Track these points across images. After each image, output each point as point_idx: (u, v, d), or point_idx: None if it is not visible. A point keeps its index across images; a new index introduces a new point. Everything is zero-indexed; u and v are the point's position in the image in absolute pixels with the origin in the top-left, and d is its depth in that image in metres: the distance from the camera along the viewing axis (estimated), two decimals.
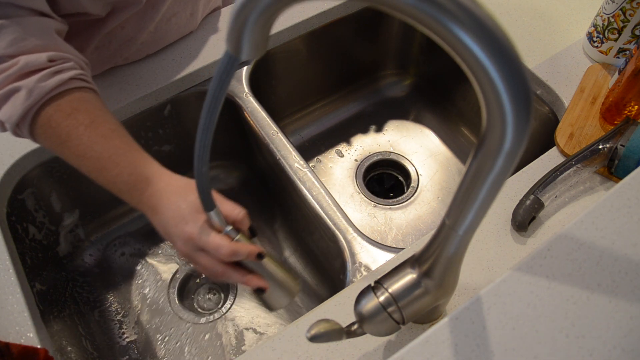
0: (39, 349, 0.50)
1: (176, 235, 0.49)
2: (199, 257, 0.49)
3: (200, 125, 0.41)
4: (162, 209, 0.51)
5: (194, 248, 0.49)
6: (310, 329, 0.40)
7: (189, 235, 0.48)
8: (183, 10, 0.74)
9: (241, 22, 0.29)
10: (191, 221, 0.49)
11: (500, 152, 0.27)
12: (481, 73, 0.23)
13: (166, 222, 0.50)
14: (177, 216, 0.50)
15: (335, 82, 0.96)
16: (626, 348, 0.38)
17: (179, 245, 0.50)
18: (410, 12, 0.22)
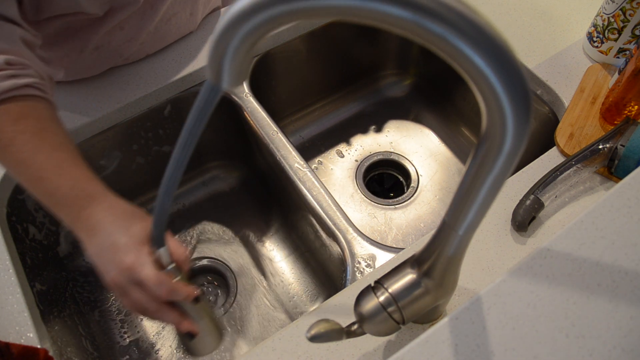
0: (39, 349, 0.50)
1: (113, 263, 0.46)
2: (132, 290, 0.46)
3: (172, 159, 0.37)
4: (102, 231, 0.47)
5: (130, 280, 0.45)
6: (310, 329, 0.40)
7: (130, 265, 0.45)
8: (182, 11, 0.74)
9: (222, 51, 0.27)
10: (133, 251, 0.45)
11: (500, 153, 0.27)
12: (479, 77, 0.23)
13: (105, 247, 0.47)
14: (119, 243, 0.46)
15: (335, 82, 0.96)
16: (626, 348, 0.38)
17: (112, 275, 0.46)
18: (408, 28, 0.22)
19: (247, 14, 0.24)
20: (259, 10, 0.24)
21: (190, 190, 0.88)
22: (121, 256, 0.45)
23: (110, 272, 0.46)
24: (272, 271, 0.80)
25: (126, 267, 0.45)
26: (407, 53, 0.96)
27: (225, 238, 0.83)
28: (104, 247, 0.47)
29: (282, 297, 0.77)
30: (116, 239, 0.46)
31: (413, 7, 0.21)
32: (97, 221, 0.48)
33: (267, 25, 0.25)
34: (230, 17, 0.25)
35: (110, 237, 0.47)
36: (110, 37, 0.68)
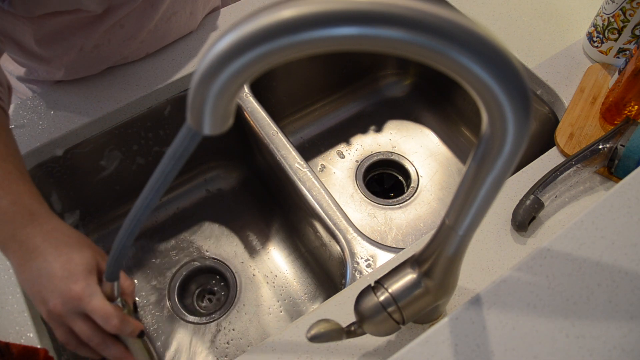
0: (39, 349, 0.50)
1: (58, 291, 0.43)
2: (76, 321, 0.43)
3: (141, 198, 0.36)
4: (46, 255, 0.44)
5: (74, 310, 0.43)
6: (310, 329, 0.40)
7: (77, 295, 0.42)
8: (182, 10, 0.74)
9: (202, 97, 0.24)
10: (82, 281, 0.43)
11: (500, 153, 0.27)
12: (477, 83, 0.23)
13: (45, 273, 0.43)
14: (66, 270, 0.43)
15: (335, 82, 0.96)
16: (626, 348, 0.38)
17: (54, 303, 0.43)
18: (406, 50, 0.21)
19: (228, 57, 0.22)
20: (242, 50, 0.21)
21: (190, 190, 0.88)
22: (70, 284, 0.42)
23: (50, 300, 0.43)
24: (272, 271, 0.80)
25: (73, 296, 0.42)
26: None
27: (225, 238, 0.83)
28: (43, 274, 0.43)
29: (282, 297, 0.77)
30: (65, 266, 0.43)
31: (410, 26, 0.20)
32: (37, 244, 0.44)
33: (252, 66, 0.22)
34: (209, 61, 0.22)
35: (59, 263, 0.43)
36: (110, 36, 0.68)
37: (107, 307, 0.43)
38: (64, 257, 0.44)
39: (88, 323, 0.44)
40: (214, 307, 0.78)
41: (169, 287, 0.78)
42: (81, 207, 0.79)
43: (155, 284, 0.78)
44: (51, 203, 0.73)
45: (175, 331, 0.74)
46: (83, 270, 0.44)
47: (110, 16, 0.65)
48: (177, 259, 0.81)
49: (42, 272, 0.43)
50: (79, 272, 0.43)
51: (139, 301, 0.47)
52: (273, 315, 0.76)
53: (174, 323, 0.75)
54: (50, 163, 0.69)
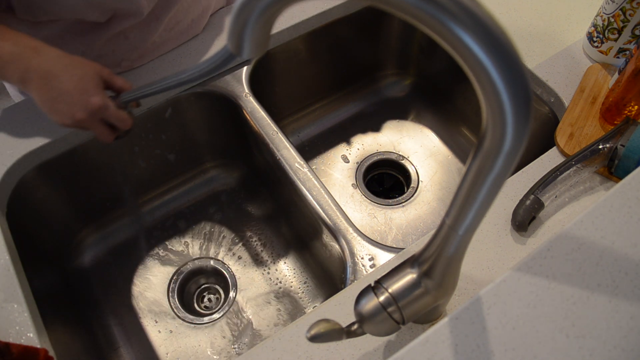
0: (39, 349, 0.50)
1: (80, 105, 0.53)
2: (97, 125, 0.56)
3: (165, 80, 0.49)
4: (61, 76, 0.52)
5: (95, 117, 0.54)
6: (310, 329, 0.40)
7: (96, 106, 0.53)
8: (185, 18, 0.74)
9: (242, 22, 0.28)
10: (97, 94, 0.53)
11: (500, 152, 0.27)
12: (481, 73, 0.23)
13: (68, 89, 0.52)
14: (80, 86, 0.52)
15: (335, 82, 0.96)
16: (626, 348, 0.38)
17: (80, 115, 0.53)
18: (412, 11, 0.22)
19: None
20: None
21: (190, 190, 0.88)
22: (87, 97, 0.52)
23: (76, 112, 0.53)
24: (272, 271, 0.80)
25: (94, 107, 0.53)
26: (407, 53, 0.96)
27: (225, 238, 0.83)
28: (63, 92, 0.52)
29: (282, 297, 0.77)
30: (79, 83, 0.52)
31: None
32: (48, 69, 0.52)
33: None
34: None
35: (73, 81, 0.52)
36: (115, 47, 0.69)
37: (121, 113, 0.57)
38: (76, 76, 0.52)
39: (104, 124, 0.57)
40: (213, 307, 0.78)
41: (168, 287, 0.78)
42: (81, 207, 0.79)
43: (155, 283, 0.78)
44: (51, 203, 0.74)
45: (174, 331, 0.74)
46: (95, 84, 0.54)
47: (114, 25, 0.65)
48: (177, 259, 0.81)
49: (61, 91, 0.52)
50: (92, 87, 0.53)
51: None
52: (273, 315, 0.76)
53: (174, 323, 0.75)
54: (50, 163, 0.69)
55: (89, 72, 0.54)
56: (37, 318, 0.54)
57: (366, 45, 0.93)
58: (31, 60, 0.52)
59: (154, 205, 0.85)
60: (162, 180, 0.85)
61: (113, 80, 0.57)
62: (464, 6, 0.22)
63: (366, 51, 0.95)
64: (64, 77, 0.52)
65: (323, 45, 0.87)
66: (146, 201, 0.85)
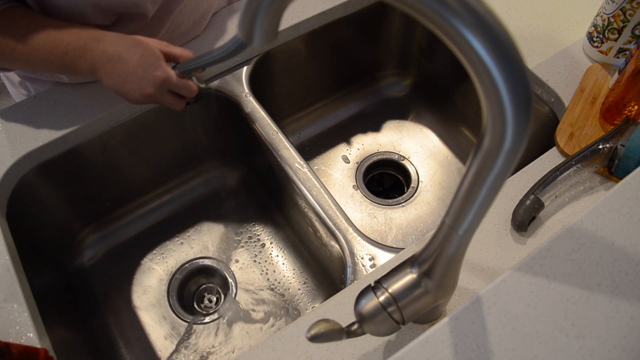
0: (39, 349, 0.50)
1: (145, 80, 0.57)
2: (165, 96, 0.60)
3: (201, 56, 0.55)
4: (125, 56, 0.56)
5: (163, 89, 0.58)
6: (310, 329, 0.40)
7: (161, 79, 0.57)
8: (187, 20, 0.74)
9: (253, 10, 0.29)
10: (159, 68, 0.57)
11: (500, 152, 0.27)
12: (483, 71, 0.23)
13: (133, 68, 0.56)
14: (145, 62, 0.56)
15: (335, 82, 0.96)
16: (626, 348, 0.38)
17: (148, 89, 0.57)
18: (416, 6, 0.22)
19: None
20: None
21: (190, 190, 0.88)
22: (152, 72, 0.57)
23: (145, 88, 0.57)
24: (272, 271, 0.80)
25: (159, 80, 0.57)
26: (407, 53, 0.96)
27: (225, 238, 0.83)
28: (129, 71, 0.56)
29: (281, 297, 0.77)
30: (142, 59, 0.56)
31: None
32: (113, 52, 0.56)
33: None
34: None
35: (136, 59, 0.56)
36: None
37: (185, 82, 0.61)
38: (137, 55, 0.56)
39: (172, 95, 0.61)
40: (213, 307, 0.78)
41: (168, 287, 0.78)
42: (81, 207, 0.79)
43: (155, 283, 0.78)
44: (51, 203, 0.74)
45: (174, 331, 0.74)
46: (156, 59, 0.57)
47: (119, 29, 0.65)
48: (177, 259, 0.81)
49: (127, 70, 0.57)
50: (154, 62, 0.57)
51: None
52: (273, 315, 0.76)
53: (174, 323, 0.75)
54: (50, 163, 0.69)
55: (148, 48, 0.57)
56: (37, 318, 0.54)
57: (366, 45, 0.93)
58: (96, 49, 0.56)
59: (154, 205, 0.85)
60: (162, 180, 0.85)
61: (172, 50, 0.61)
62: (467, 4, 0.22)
63: (366, 51, 0.95)
64: (127, 57, 0.56)
65: (323, 45, 0.87)
66: (146, 201, 0.85)
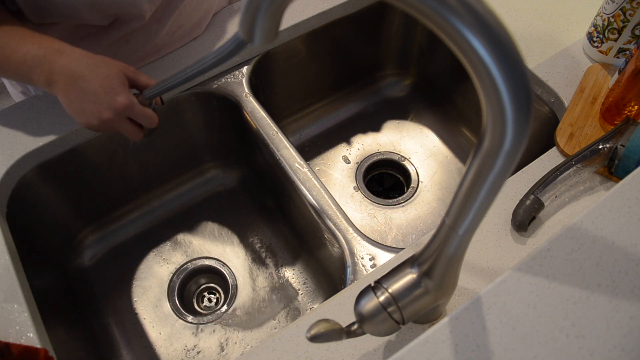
0: (39, 349, 0.50)
1: (106, 104, 0.52)
2: (123, 124, 0.55)
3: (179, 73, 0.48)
4: (86, 76, 0.52)
5: (122, 116, 0.54)
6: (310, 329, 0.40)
7: (123, 105, 0.53)
8: (188, 22, 0.74)
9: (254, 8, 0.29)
10: (122, 92, 0.53)
11: (500, 152, 0.27)
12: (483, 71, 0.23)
13: (94, 89, 0.52)
14: (107, 85, 0.52)
15: (335, 82, 0.96)
16: (626, 348, 0.38)
17: (106, 114, 0.53)
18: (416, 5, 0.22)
19: None
20: None
21: (190, 190, 0.88)
22: (113, 97, 0.52)
23: (103, 112, 0.53)
24: (272, 271, 0.80)
25: (120, 106, 0.53)
26: (407, 53, 0.96)
27: (225, 238, 0.83)
28: (89, 92, 0.52)
29: (281, 297, 0.77)
30: (105, 82, 0.52)
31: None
32: (74, 70, 0.52)
33: None
34: None
35: (99, 80, 0.52)
36: (116, 50, 0.68)
37: (147, 111, 0.56)
38: (101, 75, 0.52)
39: (131, 124, 0.56)
40: (213, 307, 0.78)
41: (168, 287, 0.78)
42: (81, 207, 0.79)
43: (155, 283, 0.78)
44: (51, 203, 0.74)
45: (174, 331, 0.74)
46: (120, 83, 0.53)
47: (116, 30, 0.65)
48: (177, 258, 0.81)
49: (87, 91, 0.52)
50: (117, 86, 0.53)
51: None
52: (273, 315, 0.76)
53: (173, 323, 0.75)
54: (50, 163, 0.69)
55: (114, 70, 0.53)
56: (37, 318, 0.54)
57: (366, 45, 0.93)
58: (56, 62, 0.52)
59: (154, 205, 0.85)
60: (162, 180, 0.85)
61: (137, 77, 0.57)
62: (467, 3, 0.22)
63: (366, 51, 0.95)
64: (89, 77, 0.52)
65: (323, 45, 0.87)
66: (146, 201, 0.85)
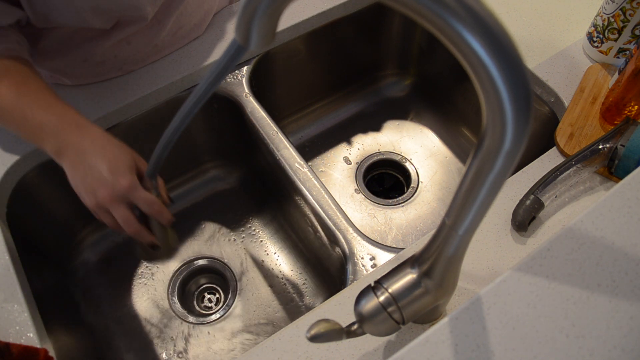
0: (39, 349, 0.50)
1: (107, 184, 0.51)
2: (120, 208, 0.53)
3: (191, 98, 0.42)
4: (96, 153, 0.52)
5: (120, 199, 0.52)
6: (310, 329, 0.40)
7: (124, 187, 0.51)
8: (188, 23, 0.74)
9: (250, 12, 0.29)
10: (128, 175, 0.52)
11: (500, 152, 0.27)
12: (482, 72, 0.23)
13: (98, 169, 0.52)
14: (114, 166, 0.52)
15: (335, 82, 0.96)
16: (626, 348, 0.38)
17: (103, 194, 0.52)
18: (414, 7, 0.22)
19: None
20: None
21: (190, 190, 0.88)
22: (117, 177, 0.51)
23: (100, 191, 0.52)
24: (272, 271, 0.80)
25: (121, 188, 0.51)
26: (407, 53, 0.96)
27: (225, 238, 0.83)
28: (94, 170, 0.52)
29: (281, 297, 0.77)
30: (112, 163, 0.52)
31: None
32: (86, 147, 0.52)
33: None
34: None
35: (107, 160, 0.52)
36: (117, 52, 0.69)
37: (150, 196, 0.53)
38: (110, 156, 0.52)
39: (128, 211, 0.53)
40: (213, 307, 0.78)
41: (169, 287, 0.78)
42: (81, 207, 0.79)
43: (155, 283, 0.78)
44: (51, 203, 0.74)
45: (175, 331, 0.74)
46: (127, 167, 0.52)
47: (118, 32, 0.65)
48: (177, 258, 0.81)
49: (92, 168, 0.52)
50: (124, 168, 0.52)
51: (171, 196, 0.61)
52: (272, 315, 0.76)
53: (173, 323, 0.75)
54: (50, 163, 0.69)
55: (124, 154, 0.53)
56: (37, 318, 0.54)
57: (366, 45, 0.93)
58: (71, 136, 0.53)
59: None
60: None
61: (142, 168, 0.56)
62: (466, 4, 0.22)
63: (366, 51, 0.95)
64: (98, 154, 0.52)
65: (323, 45, 0.87)
66: None
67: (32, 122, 0.54)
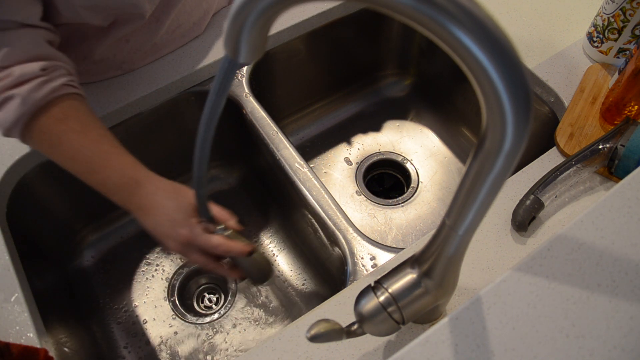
0: (39, 349, 0.50)
1: (170, 237, 0.55)
2: (193, 254, 0.55)
3: (199, 133, 0.42)
4: (153, 211, 0.55)
5: (188, 248, 0.55)
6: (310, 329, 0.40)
7: (185, 238, 0.54)
8: (187, 22, 0.74)
9: (239, 26, 0.28)
10: (185, 225, 0.54)
11: (500, 152, 0.27)
12: (481, 74, 0.23)
13: (159, 224, 0.55)
14: (170, 220, 0.54)
15: (335, 82, 0.96)
16: (626, 348, 0.38)
17: (172, 245, 0.55)
18: (408, 12, 0.22)
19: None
20: None
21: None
22: (177, 230, 0.54)
23: (170, 243, 0.55)
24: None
25: (184, 239, 0.54)
26: (407, 53, 0.96)
27: None
28: (160, 225, 0.55)
29: (281, 297, 0.77)
30: (168, 217, 0.55)
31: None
32: (147, 202, 0.55)
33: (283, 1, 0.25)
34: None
35: (163, 215, 0.55)
36: (116, 50, 0.69)
37: (211, 240, 0.54)
38: (166, 209, 0.55)
39: (201, 254, 0.55)
40: (214, 307, 0.78)
41: (169, 287, 0.78)
42: (81, 207, 0.79)
43: (155, 283, 0.78)
44: (51, 203, 0.74)
45: (175, 331, 0.74)
46: (183, 216, 0.55)
47: (116, 31, 0.65)
48: (177, 258, 0.81)
49: (156, 224, 0.55)
50: (180, 219, 0.55)
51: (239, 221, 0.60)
52: (273, 315, 0.76)
53: (174, 322, 0.75)
54: (50, 163, 0.69)
55: (182, 203, 0.55)
56: (37, 318, 0.54)
57: (366, 45, 0.93)
58: (131, 195, 0.55)
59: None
60: None
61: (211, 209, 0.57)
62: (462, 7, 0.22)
63: (366, 51, 0.95)
64: (158, 212, 0.55)
65: (323, 45, 0.87)
66: None
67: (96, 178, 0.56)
